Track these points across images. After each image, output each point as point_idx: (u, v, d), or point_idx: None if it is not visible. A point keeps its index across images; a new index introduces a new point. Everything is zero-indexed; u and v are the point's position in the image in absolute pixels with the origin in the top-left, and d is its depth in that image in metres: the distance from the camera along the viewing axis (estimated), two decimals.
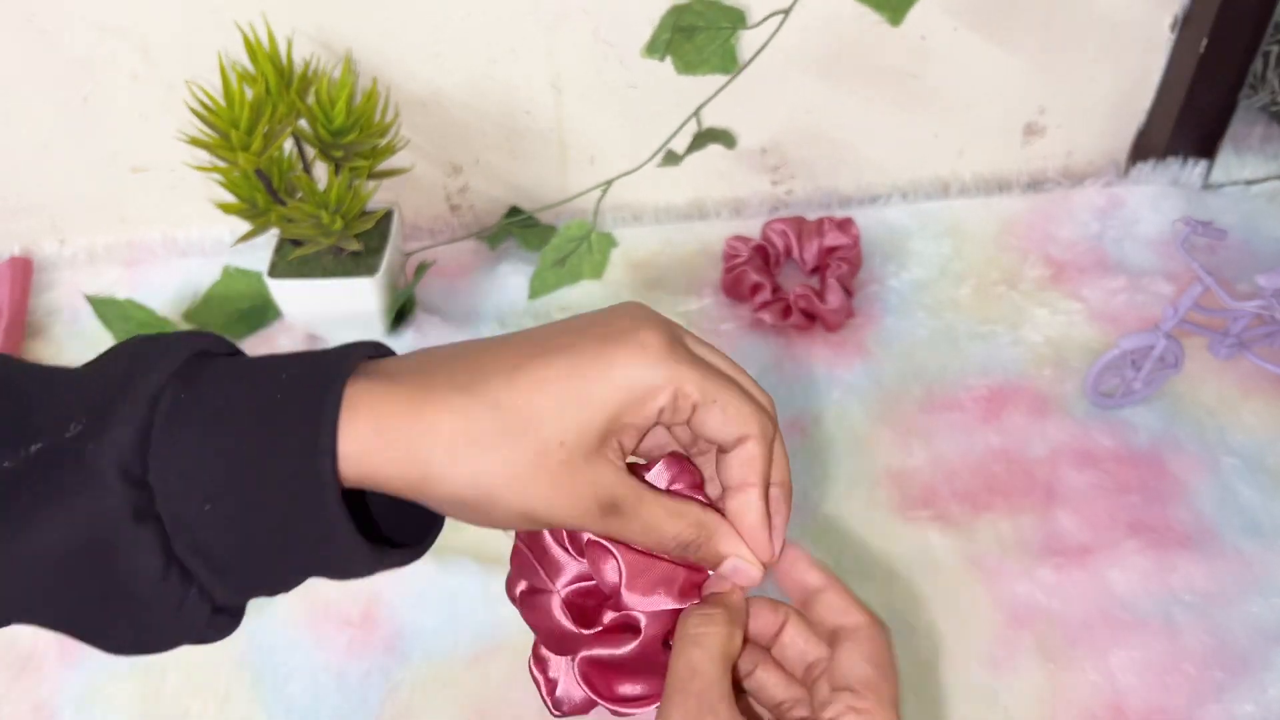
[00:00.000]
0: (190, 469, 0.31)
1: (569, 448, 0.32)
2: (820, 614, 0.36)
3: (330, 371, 0.33)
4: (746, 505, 0.35)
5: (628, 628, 0.36)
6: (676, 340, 0.34)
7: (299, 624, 0.68)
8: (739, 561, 0.35)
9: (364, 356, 0.34)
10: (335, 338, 0.86)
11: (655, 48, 0.74)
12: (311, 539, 0.32)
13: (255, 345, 0.87)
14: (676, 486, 0.36)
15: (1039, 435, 0.76)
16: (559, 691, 0.37)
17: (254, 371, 0.33)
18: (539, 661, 0.38)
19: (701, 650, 0.33)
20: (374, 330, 0.85)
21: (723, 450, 0.35)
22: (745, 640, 0.36)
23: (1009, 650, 0.64)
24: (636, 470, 0.36)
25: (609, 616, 0.37)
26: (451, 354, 0.34)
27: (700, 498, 0.36)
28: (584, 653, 0.36)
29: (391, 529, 0.37)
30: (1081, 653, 0.64)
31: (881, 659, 0.34)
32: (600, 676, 0.36)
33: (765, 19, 0.75)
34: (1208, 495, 0.72)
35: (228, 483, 0.31)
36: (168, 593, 0.32)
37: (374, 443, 0.32)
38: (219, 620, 0.34)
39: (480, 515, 0.33)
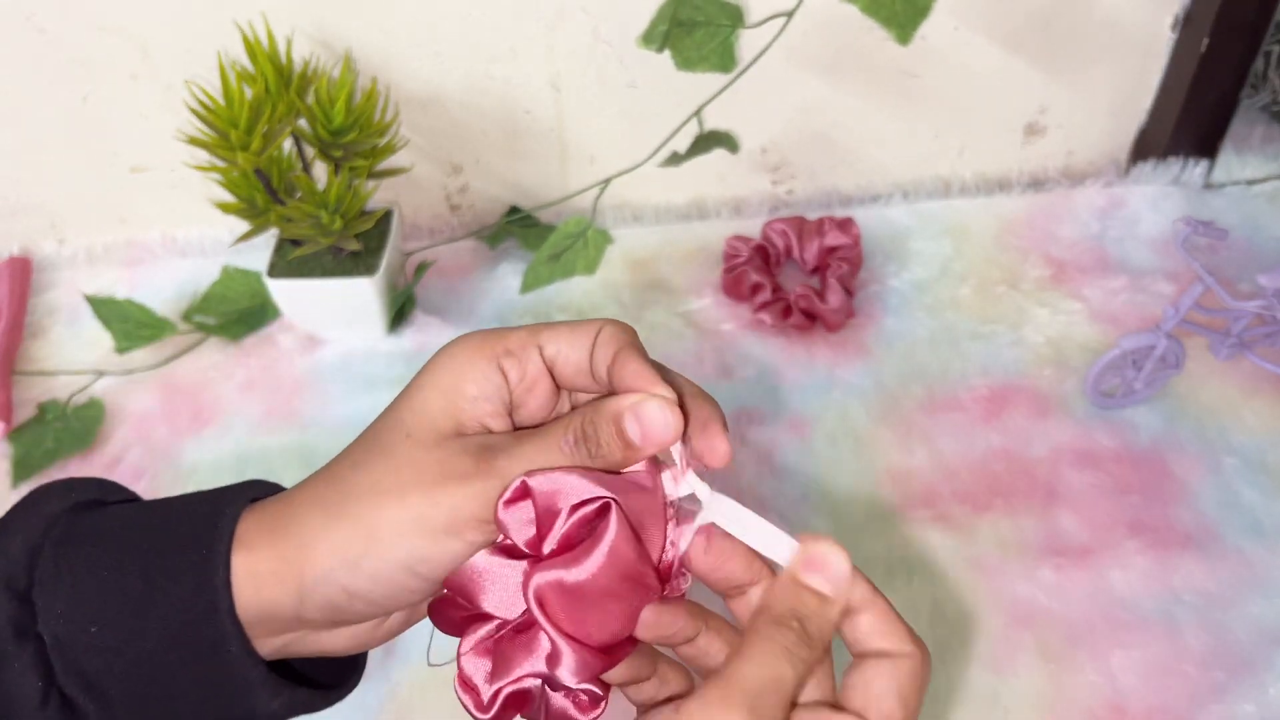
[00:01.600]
0: (78, 589, 0.30)
1: (416, 437, 0.32)
2: (860, 632, 0.32)
3: (227, 496, 0.33)
4: (623, 362, 0.32)
5: (581, 537, 0.30)
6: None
7: None
8: (642, 403, 0.31)
9: (262, 489, 0.34)
10: (335, 337, 0.86)
11: (652, 38, 0.73)
12: (205, 662, 0.30)
13: (255, 345, 0.87)
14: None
15: (1040, 435, 0.76)
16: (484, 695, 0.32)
17: (148, 506, 0.33)
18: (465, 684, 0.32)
19: (793, 671, 0.29)
20: (374, 330, 0.85)
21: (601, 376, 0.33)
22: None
23: (1009, 650, 0.64)
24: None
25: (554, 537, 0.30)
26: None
27: None
28: (537, 578, 0.29)
29: (312, 671, 0.35)
30: (1082, 653, 0.64)
31: (911, 697, 0.31)
32: (565, 609, 0.30)
33: (766, 20, 0.75)
34: (1209, 495, 0.72)
35: (118, 605, 0.30)
36: None
37: (262, 548, 0.31)
38: None
39: (371, 555, 0.31)
